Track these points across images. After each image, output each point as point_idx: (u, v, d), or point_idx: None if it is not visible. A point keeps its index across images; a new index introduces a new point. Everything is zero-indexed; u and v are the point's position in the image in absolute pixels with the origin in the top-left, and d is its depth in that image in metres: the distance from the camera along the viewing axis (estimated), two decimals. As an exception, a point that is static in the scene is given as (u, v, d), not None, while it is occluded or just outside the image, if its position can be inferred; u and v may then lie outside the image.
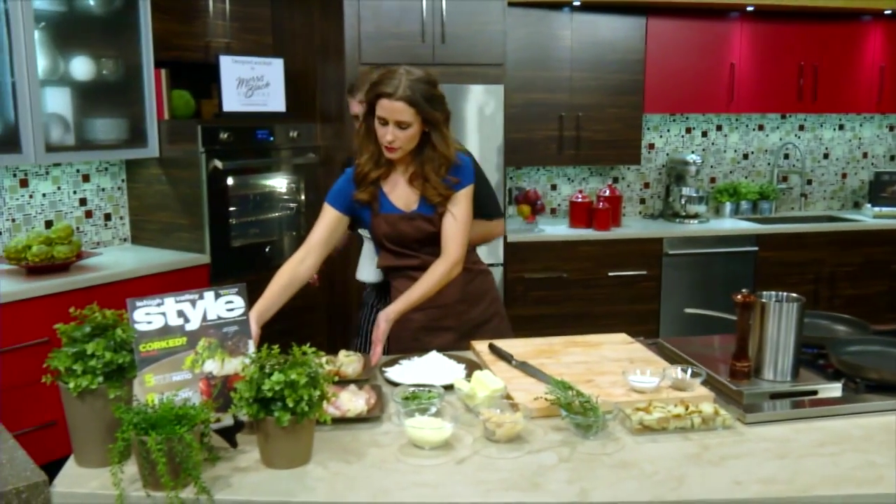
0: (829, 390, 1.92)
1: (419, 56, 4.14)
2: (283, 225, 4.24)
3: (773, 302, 1.94)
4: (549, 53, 4.62)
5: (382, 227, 2.33)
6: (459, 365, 2.08)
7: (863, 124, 5.70)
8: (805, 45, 5.04)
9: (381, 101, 2.16)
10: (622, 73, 4.76)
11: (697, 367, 1.98)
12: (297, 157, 4.20)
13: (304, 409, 1.48)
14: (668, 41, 4.80)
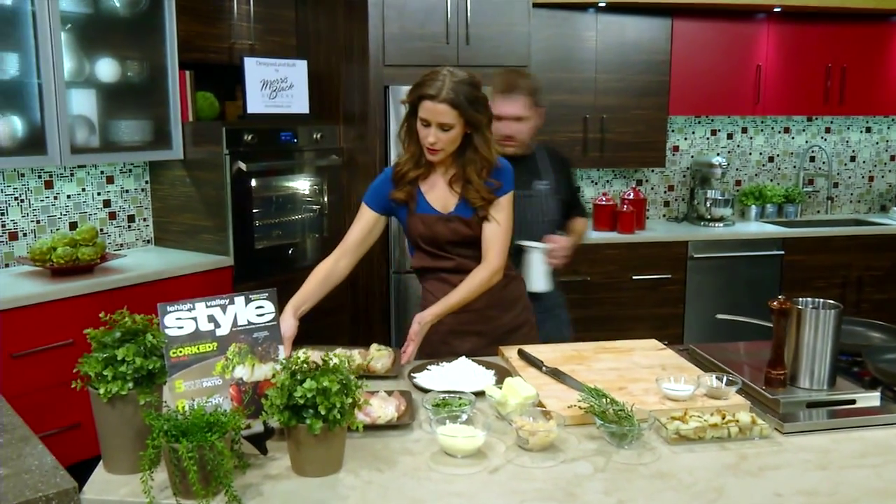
0: (867, 399, 1.87)
1: (443, 57, 4.12)
2: (306, 227, 4.23)
3: (810, 309, 1.90)
4: (573, 55, 4.58)
5: (418, 228, 2.32)
6: (489, 371, 2.05)
7: (890, 126, 5.61)
8: (832, 47, 4.96)
9: (424, 103, 2.16)
10: (647, 75, 4.71)
11: (732, 374, 1.94)
12: (320, 159, 4.19)
13: (336, 417, 1.46)
14: (693, 42, 4.75)
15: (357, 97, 4.16)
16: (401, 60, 4.08)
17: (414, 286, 4.21)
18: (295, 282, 4.06)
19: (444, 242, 2.32)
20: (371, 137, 4.12)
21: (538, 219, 2.76)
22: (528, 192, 2.75)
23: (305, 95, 4.14)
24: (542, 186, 2.79)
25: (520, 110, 2.68)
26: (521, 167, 2.70)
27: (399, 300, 4.24)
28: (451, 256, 2.34)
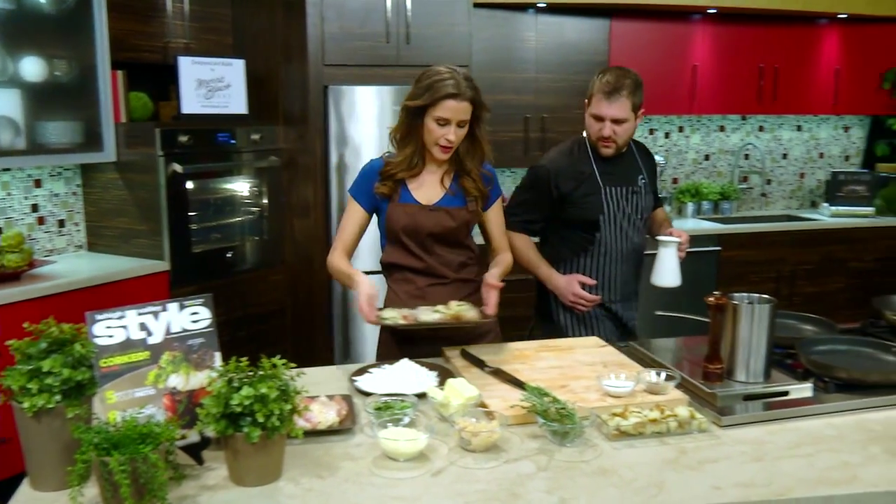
0: (800, 390, 1.92)
1: (384, 57, 4.10)
2: (245, 229, 4.16)
3: (745, 304, 1.94)
4: (514, 55, 4.60)
5: (400, 218, 2.31)
6: (431, 372, 2.04)
7: (819, 125, 5.80)
8: (765, 48, 5.10)
9: (445, 102, 2.18)
10: (587, 75, 4.70)
11: (671, 370, 1.97)
12: (259, 161, 4.12)
13: (275, 424, 1.43)
14: (631, 43, 4.82)
15: (297, 97, 4.10)
16: (341, 60, 4.04)
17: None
18: (235, 285, 4.04)
19: (426, 235, 2.32)
20: (311, 138, 4.07)
21: (643, 214, 2.72)
22: (634, 188, 2.70)
23: (243, 95, 4.07)
24: (643, 181, 2.74)
25: (622, 113, 2.57)
26: (624, 163, 2.72)
27: (343, 302, 4.20)
28: (423, 255, 2.34)
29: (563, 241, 2.72)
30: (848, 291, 5.18)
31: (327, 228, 4.14)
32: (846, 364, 2.02)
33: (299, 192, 4.21)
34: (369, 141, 4.10)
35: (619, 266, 2.69)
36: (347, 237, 2.37)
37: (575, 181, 2.64)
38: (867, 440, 1.70)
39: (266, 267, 4.21)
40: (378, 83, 4.10)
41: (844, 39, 5.28)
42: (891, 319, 2.41)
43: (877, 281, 5.18)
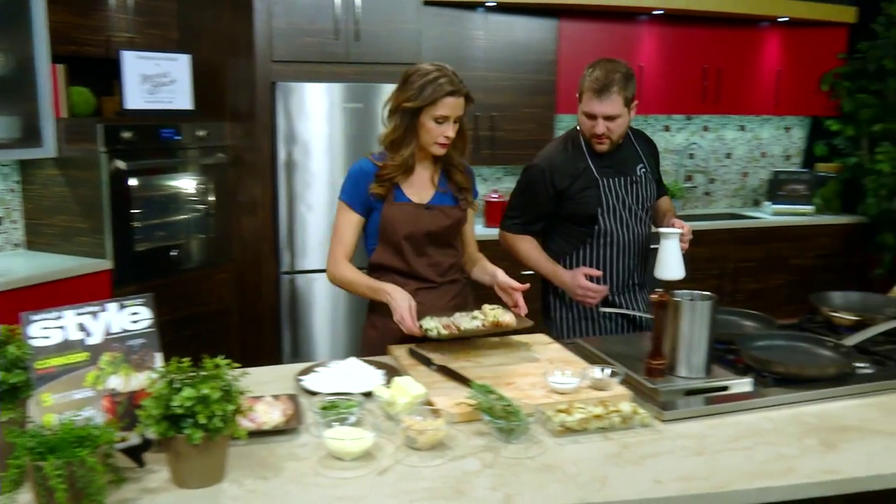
0: (740, 385, 1.96)
1: (333, 54, 4.07)
2: (191, 227, 4.09)
3: (687, 301, 1.98)
4: (464, 53, 4.61)
5: (397, 217, 2.31)
6: (378, 371, 2.03)
7: (762, 125, 5.94)
8: (709, 49, 5.20)
9: (445, 100, 2.21)
10: (536, 74, 4.80)
11: (615, 366, 2.00)
12: (205, 157, 4.06)
13: (218, 425, 1.41)
14: (579, 43, 4.87)
15: (244, 93, 4.05)
16: (289, 56, 4.00)
17: (306, 287, 4.15)
18: (180, 284, 3.97)
19: (423, 234, 2.33)
20: (259, 135, 4.02)
21: (644, 204, 2.70)
22: (634, 178, 2.68)
23: (189, 91, 4.00)
24: (643, 171, 2.71)
25: (614, 109, 2.52)
26: (622, 153, 2.69)
27: (290, 301, 4.16)
28: (414, 257, 2.35)
29: (564, 236, 2.72)
30: (789, 288, 5.33)
31: (275, 226, 4.10)
32: (784, 359, 2.08)
33: (247, 190, 4.15)
34: (319, 138, 4.07)
35: (621, 258, 2.68)
36: (348, 245, 2.36)
37: (571, 177, 2.62)
38: (803, 433, 1.75)
39: (212, 265, 4.15)
40: (327, 80, 4.07)
41: (785, 42, 5.42)
42: (827, 315, 2.48)
43: (816, 277, 5.33)
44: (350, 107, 4.09)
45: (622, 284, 2.71)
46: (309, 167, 4.07)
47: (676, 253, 2.40)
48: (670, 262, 2.39)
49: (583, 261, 2.69)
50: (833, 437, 1.73)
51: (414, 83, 2.23)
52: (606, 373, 1.94)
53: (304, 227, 4.12)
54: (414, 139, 2.29)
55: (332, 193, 4.11)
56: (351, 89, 4.08)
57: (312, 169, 4.08)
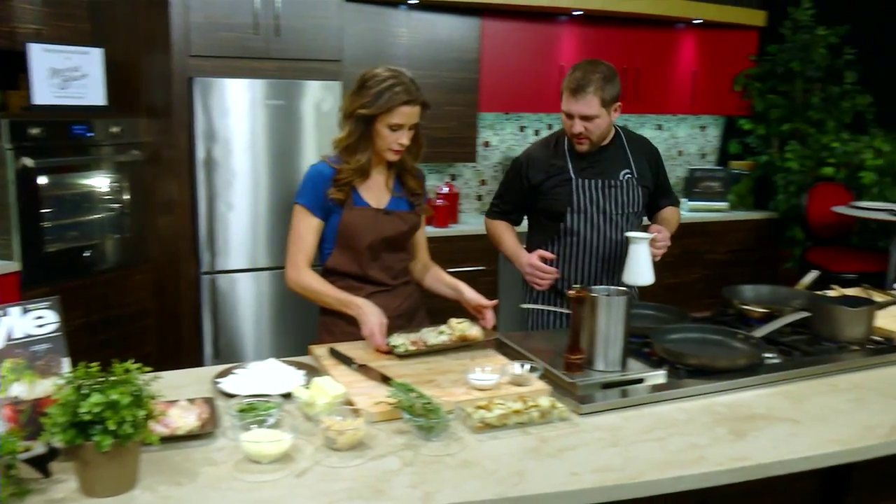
0: (654, 377, 2.02)
1: (253, 49, 4.00)
2: (105, 227, 3.95)
3: (603, 296, 2.02)
4: (386, 50, 4.60)
5: (358, 223, 2.30)
6: (299, 371, 2.01)
7: (678, 124, 6.11)
8: (627, 49, 5.33)
9: (400, 109, 2.20)
10: (458, 72, 4.83)
11: (535, 361, 2.03)
12: (120, 155, 3.93)
13: (128, 432, 1.37)
14: (501, 42, 4.92)
15: (160, 89, 3.94)
16: (207, 51, 3.91)
17: (227, 288, 4.07)
18: (95, 286, 3.84)
19: (379, 239, 2.32)
20: (176, 132, 3.92)
21: (623, 210, 2.65)
22: (613, 182, 2.64)
23: (102, 86, 3.87)
24: (626, 176, 2.67)
25: (590, 110, 2.51)
26: (606, 156, 2.65)
27: (212, 303, 4.07)
28: (369, 262, 2.35)
29: (538, 229, 2.75)
30: (704, 282, 5.50)
31: (194, 226, 4.00)
32: (696, 351, 2.15)
33: (164, 188, 4.05)
34: (240, 136, 3.99)
35: (587, 259, 2.67)
36: (309, 250, 2.33)
37: (545, 173, 2.64)
38: (714, 422, 1.81)
39: (129, 266, 4.03)
40: (247, 76, 4.00)
41: (700, 44, 5.59)
42: (738, 308, 2.57)
43: (730, 271, 5.53)
44: (271, 104, 4.02)
45: (584, 285, 2.69)
46: (229, 165, 3.99)
47: (645, 259, 2.43)
48: (638, 267, 2.43)
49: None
50: (742, 425, 1.79)
51: (370, 89, 2.22)
52: (526, 368, 1.96)
53: (225, 227, 4.03)
54: (369, 145, 2.28)
55: (255, 192, 4.06)
56: (272, 86, 4.01)
57: (233, 167, 4.00)
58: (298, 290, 2.34)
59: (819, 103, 5.55)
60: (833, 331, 2.32)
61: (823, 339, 2.32)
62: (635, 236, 2.44)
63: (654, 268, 2.47)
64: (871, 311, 2.36)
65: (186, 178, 3.96)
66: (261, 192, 4.07)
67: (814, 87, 5.63)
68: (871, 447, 1.72)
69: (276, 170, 4.07)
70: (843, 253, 5.32)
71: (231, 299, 4.10)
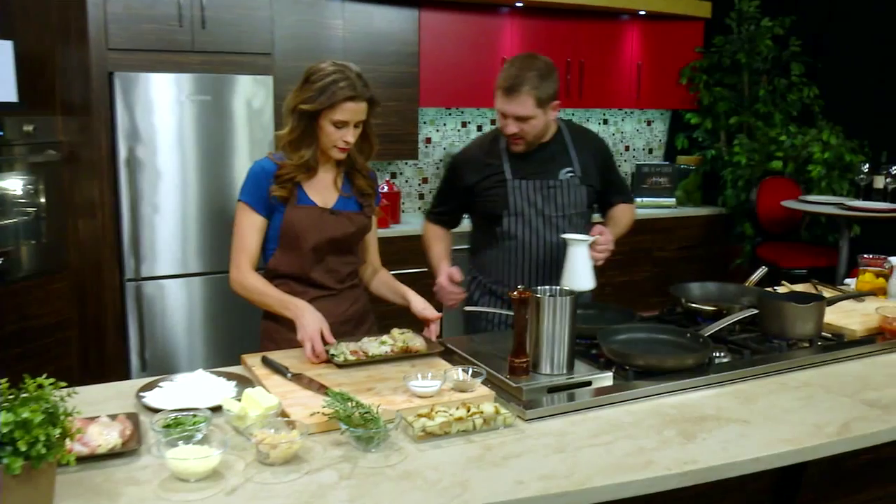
0: (601, 380, 2.04)
1: (177, 42, 3.93)
2: (19, 233, 3.84)
3: (547, 297, 2.04)
4: (321, 43, 4.57)
5: (301, 221, 2.27)
6: (230, 382, 1.98)
7: (624, 119, 6.22)
8: (571, 42, 5.39)
9: (343, 105, 2.18)
10: (397, 66, 4.82)
11: (478, 366, 2.04)
12: (34, 155, 3.82)
13: (41, 452, 1.33)
14: (441, 34, 4.93)
15: (77, 84, 3.85)
16: (127, 44, 3.83)
17: (155, 295, 3.99)
18: (8, 296, 3.72)
19: (325, 240, 2.30)
20: (96, 130, 3.83)
21: (563, 211, 2.62)
22: (552, 183, 2.61)
23: (12, 81, 3.75)
24: (568, 175, 2.63)
25: (524, 110, 2.46)
26: (545, 155, 2.61)
27: (138, 311, 3.98)
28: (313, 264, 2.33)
29: (479, 230, 2.75)
30: (653, 280, 5.61)
31: (117, 230, 3.92)
32: (644, 351, 2.18)
33: (83, 190, 3.95)
34: (165, 134, 3.91)
35: (525, 263, 2.65)
36: (253, 250, 2.30)
37: (479, 174, 2.62)
38: (662, 424, 1.84)
39: (46, 274, 3.92)
40: (172, 70, 3.93)
41: (645, 36, 5.70)
42: (686, 306, 2.62)
43: (680, 269, 5.64)
44: (198, 99, 3.96)
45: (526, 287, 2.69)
46: (155, 165, 3.91)
47: (584, 262, 2.40)
48: (577, 271, 2.39)
49: (490, 259, 2.71)
50: (691, 427, 1.83)
51: (313, 84, 2.20)
52: (469, 374, 1.97)
53: (151, 230, 3.95)
54: (313, 141, 2.27)
55: (183, 193, 3.99)
56: (198, 80, 3.95)
57: (159, 167, 3.92)
58: (241, 292, 2.31)
59: (766, 96, 5.70)
60: (782, 328, 2.37)
61: (773, 336, 2.37)
62: (573, 239, 2.41)
63: (594, 272, 2.45)
64: (821, 307, 2.42)
65: (108, 179, 3.88)
66: (189, 193, 4.01)
67: (761, 79, 5.79)
68: (821, 446, 1.76)
69: (205, 169, 4.01)
70: (794, 248, 5.48)
71: (159, 307, 4.02)
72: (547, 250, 2.64)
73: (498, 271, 2.69)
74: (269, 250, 2.36)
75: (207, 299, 4.10)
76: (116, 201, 3.90)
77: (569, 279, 2.40)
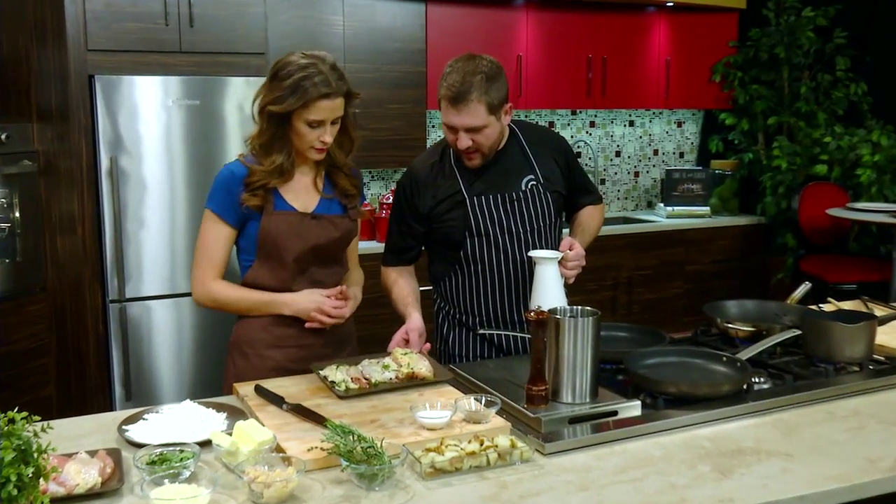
0: (628, 409, 2.02)
1: (164, 42, 3.97)
2: (-8, 250, 3.88)
3: (568, 318, 2.03)
4: (319, 41, 4.59)
5: (280, 229, 2.27)
6: (219, 414, 1.99)
7: (652, 120, 6.22)
8: (593, 37, 5.41)
9: (318, 104, 2.17)
10: (403, 65, 4.84)
11: (492, 394, 2.03)
12: (7, 166, 3.86)
13: (13, 494, 1.33)
14: (450, 30, 4.95)
15: (55, 89, 3.89)
16: (109, 44, 3.87)
17: (140, 318, 4.00)
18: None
19: (309, 249, 2.30)
20: (75, 138, 3.86)
21: (530, 225, 2.56)
22: (515, 195, 2.56)
23: (-16, 86, 3.80)
24: (531, 182, 2.57)
25: (475, 119, 2.39)
26: (502, 165, 2.56)
27: (121, 335, 4.00)
28: (295, 276, 2.32)
29: (437, 259, 2.67)
30: (686, 297, 5.59)
31: (99, 246, 3.94)
32: (675, 377, 2.17)
33: (61, 204, 3.98)
34: (151, 142, 3.94)
35: (496, 288, 2.58)
36: (219, 262, 2.30)
37: (433, 198, 2.55)
38: (695, 458, 1.83)
39: (21, 296, 3.95)
40: (157, 73, 3.96)
41: (674, 29, 5.71)
42: (722, 326, 2.60)
43: (714, 285, 5.62)
44: (187, 104, 3.99)
45: (500, 319, 2.61)
46: (139, 175, 3.94)
47: (553, 281, 2.36)
48: (545, 291, 2.35)
49: (454, 289, 2.63)
50: (728, 461, 1.81)
51: (283, 81, 2.19)
52: (482, 403, 1.96)
53: (136, 247, 3.97)
54: (286, 144, 2.26)
55: (171, 206, 4.01)
56: (186, 83, 3.98)
57: (144, 177, 3.95)
58: (210, 304, 2.33)
59: (808, 93, 5.69)
60: (829, 350, 2.35)
61: (818, 359, 2.35)
62: (540, 255, 2.37)
63: (564, 290, 2.40)
64: (872, 327, 2.39)
65: (88, 191, 3.90)
66: (178, 206, 4.03)
67: (802, 75, 5.78)
68: (874, 483, 1.74)
69: (194, 180, 4.03)
70: (840, 261, 5.44)
71: (145, 331, 4.04)
72: (517, 270, 2.58)
73: (466, 301, 2.62)
74: (245, 263, 2.36)
75: (198, 323, 4.11)
76: (98, 215, 3.93)
77: (538, 301, 2.33)
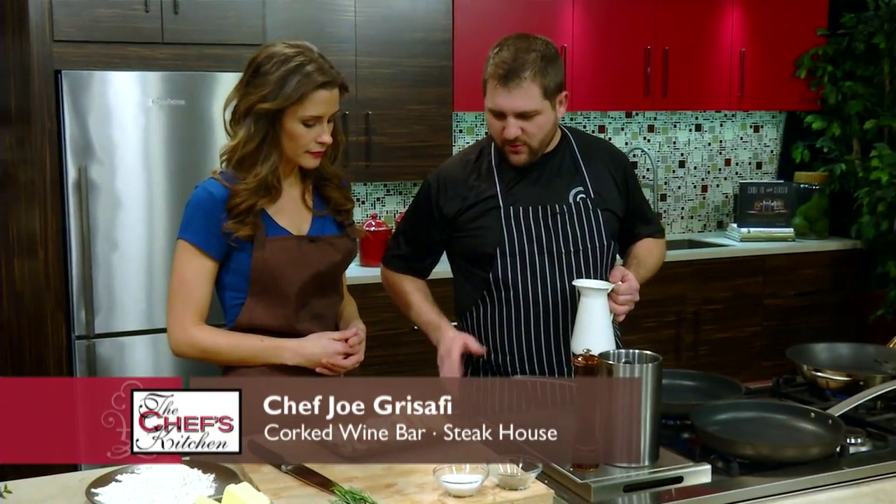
0: (696, 475, 2.01)
1: (142, 33, 4.02)
2: (-61, 277, 3.93)
3: (623, 363, 2.03)
4: (326, 31, 4.62)
5: (279, 258, 2.28)
6: (207, 476, 1.99)
7: (724, 124, 6.19)
8: (652, 26, 5.40)
9: (317, 95, 2.20)
10: (425, 59, 4.86)
11: (532, 454, 2.02)
12: (-41, 177, 3.93)
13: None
14: (481, 19, 4.95)
15: (13, 86, 3.96)
16: (78, 35, 3.93)
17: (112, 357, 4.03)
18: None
19: (311, 278, 2.32)
20: (37, 144, 3.91)
21: (576, 246, 2.55)
22: (559, 209, 2.56)
23: (-67, 84, 3.87)
24: (580, 196, 2.58)
25: (528, 103, 2.41)
26: (548, 172, 2.56)
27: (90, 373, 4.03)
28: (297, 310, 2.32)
29: (464, 280, 2.64)
30: (765, 338, 5.54)
31: (64, 272, 3.98)
32: (753, 437, 2.16)
33: (21, 222, 4.03)
34: (127, 149, 3.99)
35: (530, 320, 2.55)
36: (201, 303, 2.29)
37: (463, 200, 2.55)
38: (778, 535, 1.82)
39: (-28, 330, 4.00)
40: (135, 68, 4.01)
41: (749, 15, 5.69)
42: (809, 375, 2.58)
43: (799, 323, 5.57)
44: (169, 104, 4.03)
45: (533, 360, 2.58)
46: (113, 188, 3.98)
47: (602, 317, 2.35)
48: (591, 329, 2.33)
49: (480, 322, 2.59)
50: (817, 539, 1.80)
51: (269, 75, 2.20)
52: (519, 465, 1.96)
53: (107, 273, 4.01)
54: (274, 151, 2.26)
55: (149, 224, 4.05)
56: (169, 80, 4.03)
57: (118, 191, 3.99)
58: (193, 354, 2.32)
59: (914, 92, 5.66)
60: (940, 405, 2.35)
61: (926, 417, 2.35)
62: (586, 286, 2.37)
63: (613, 329, 2.40)
64: None
65: (52, 206, 3.94)
66: (157, 226, 4.06)
67: (906, 70, 5.74)
68: None
69: (177, 195, 4.06)
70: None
71: (117, 373, 4.06)
72: (556, 300, 2.55)
73: (495, 336, 2.58)
74: (233, 302, 2.35)
75: (179, 362, 4.13)
76: (63, 235, 3.96)
77: (580, 339, 2.33)
